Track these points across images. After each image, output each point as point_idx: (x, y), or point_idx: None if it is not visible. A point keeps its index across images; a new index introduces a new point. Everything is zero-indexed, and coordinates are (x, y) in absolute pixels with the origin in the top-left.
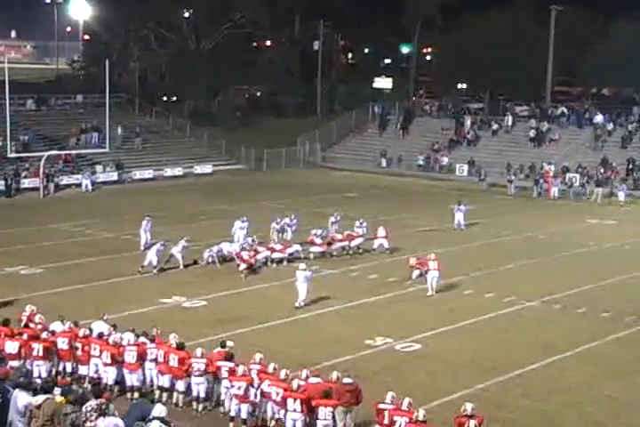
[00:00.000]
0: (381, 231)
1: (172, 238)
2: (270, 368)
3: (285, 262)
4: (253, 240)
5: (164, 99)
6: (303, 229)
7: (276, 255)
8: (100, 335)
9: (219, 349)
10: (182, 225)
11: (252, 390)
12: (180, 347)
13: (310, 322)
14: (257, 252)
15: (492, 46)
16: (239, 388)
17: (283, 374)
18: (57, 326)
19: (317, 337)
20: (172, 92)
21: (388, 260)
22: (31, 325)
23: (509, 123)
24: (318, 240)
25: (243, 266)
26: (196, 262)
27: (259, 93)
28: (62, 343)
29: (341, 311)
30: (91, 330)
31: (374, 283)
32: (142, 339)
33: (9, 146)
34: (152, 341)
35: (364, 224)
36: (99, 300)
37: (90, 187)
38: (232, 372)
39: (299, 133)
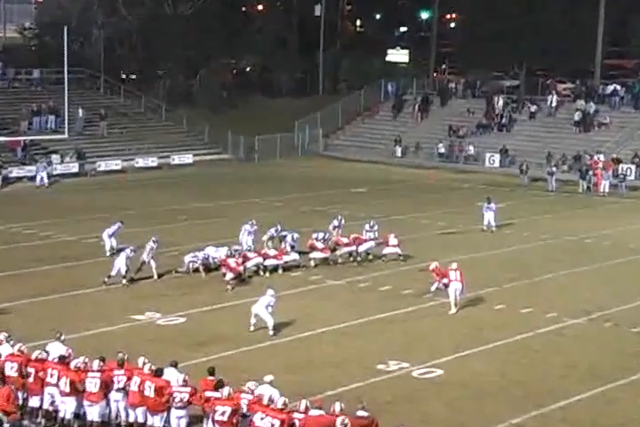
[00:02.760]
0: (393, 240)
1: (144, 242)
2: (266, 399)
3: (280, 271)
4: (240, 246)
5: (135, 75)
6: (303, 232)
7: (270, 262)
8: (62, 358)
9: (209, 377)
10: (156, 227)
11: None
12: (158, 373)
13: (310, 343)
14: (246, 258)
15: (529, 10)
16: (222, 413)
17: (281, 402)
18: (4, 348)
19: (318, 361)
20: (144, 67)
21: (403, 268)
22: None
23: (551, 103)
24: (319, 244)
25: (229, 275)
26: (176, 271)
27: (248, 68)
28: (10, 369)
29: (347, 330)
30: (46, 353)
31: (386, 296)
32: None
33: None
34: (120, 366)
35: (375, 228)
36: (56, 316)
37: (46, 180)
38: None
39: (296, 117)
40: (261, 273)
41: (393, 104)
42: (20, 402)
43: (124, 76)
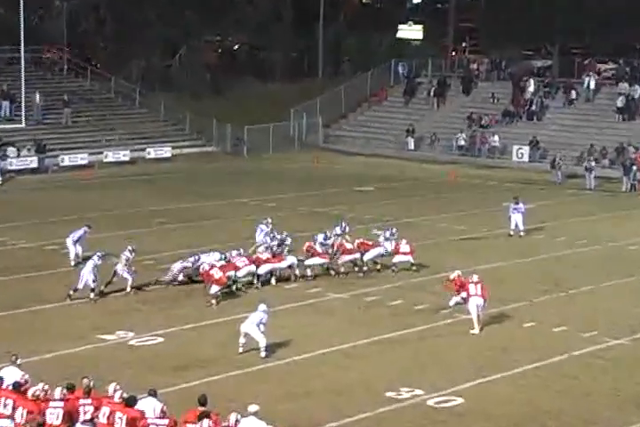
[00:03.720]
0: (404, 246)
1: (115, 250)
2: None
3: (273, 282)
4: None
5: (104, 54)
6: (300, 237)
7: (264, 269)
8: (17, 385)
9: (199, 407)
10: (129, 231)
11: None
12: (131, 403)
13: (308, 366)
14: (235, 268)
15: None
16: None
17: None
18: None
19: (318, 387)
20: (115, 45)
21: (416, 280)
22: None
23: (589, 87)
24: (319, 248)
25: (214, 289)
26: (157, 281)
27: (236, 47)
28: None
29: (352, 351)
30: (0, 379)
31: (397, 311)
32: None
33: None
34: (87, 394)
35: (396, 236)
36: (11, 335)
37: None
38: None
39: (292, 103)
40: (255, 283)
41: (404, 88)
42: None
43: (90, 56)
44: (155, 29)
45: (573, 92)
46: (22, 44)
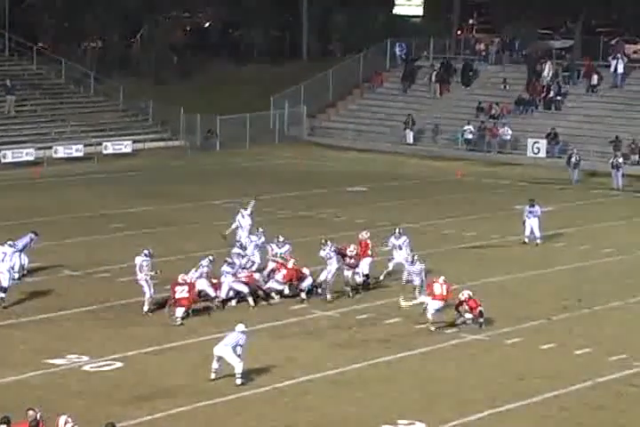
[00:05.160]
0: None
1: (67, 260)
2: None
3: (250, 301)
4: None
5: (53, 33)
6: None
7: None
8: None
9: None
10: (80, 238)
11: None
12: None
13: (292, 395)
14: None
15: None
16: None
17: None
18: None
19: (302, 421)
20: (66, 22)
21: (416, 294)
22: None
23: (616, 71)
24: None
25: (179, 311)
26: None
27: (207, 24)
28: None
29: (341, 378)
30: None
31: (394, 331)
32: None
33: None
34: None
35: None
36: None
37: None
38: None
39: (272, 90)
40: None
41: (402, 73)
42: None
43: (37, 35)
44: (112, 4)
45: (597, 77)
46: None
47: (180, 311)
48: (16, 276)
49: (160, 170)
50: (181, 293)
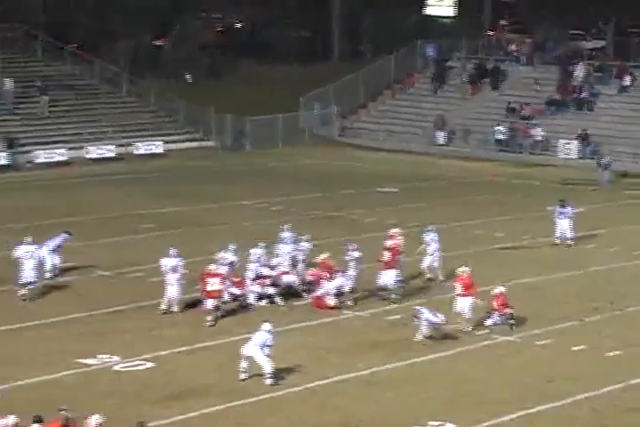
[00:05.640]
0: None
1: (96, 260)
2: None
3: (279, 300)
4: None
5: (87, 34)
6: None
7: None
8: None
9: None
10: (110, 238)
11: None
12: None
13: (322, 395)
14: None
15: None
16: None
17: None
18: None
19: (332, 421)
20: (99, 24)
21: (446, 296)
22: None
23: None
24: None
25: (210, 303)
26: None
27: (238, 25)
28: None
29: (372, 378)
30: None
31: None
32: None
33: None
34: None
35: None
36: None
37: None
38: None
39: (303, 91)
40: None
41: (433, 74)
42: None
43: (70, 36)
44: (144, 5)
45: (629, 78)
46: None
47: (210, 303)
48: (47, 275)
49: (191, 170)
50: (213, 285)
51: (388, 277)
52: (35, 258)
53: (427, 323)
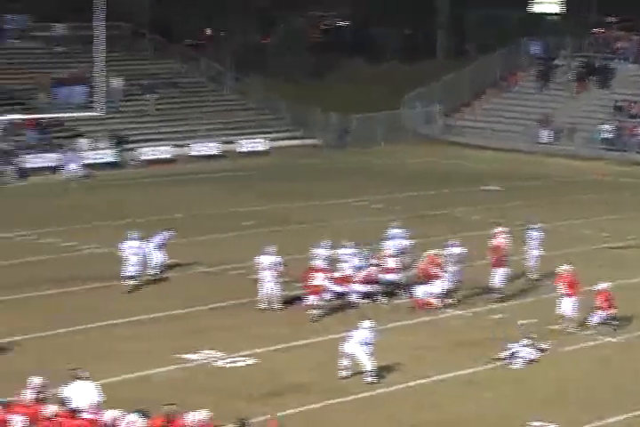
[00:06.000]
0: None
1: (199, 258)
2: None
3: (381, 298)
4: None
5: (192, 32)
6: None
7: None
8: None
9: None
10: (212, 235)
11: None
12: None
13: (421, 394)
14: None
15: None
16: None
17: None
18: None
19: (430, 419)
20: (205, 22)
21: (551, 295)
22: None
23: None
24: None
25: (312, 299)
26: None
27: (342, 23)
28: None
29: (473, 378)
30: (64, 401)
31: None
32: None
33: None
34: (169, 423)
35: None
36: (76, 355)
37: (78, 171)
38: None
39: (406, 88)
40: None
41: (539, 71)
42: None
43: (176, 34)
44: (249, 4)
45: None
46: (100, 21)
47: (312, 299)
48: (152, 272)
49: (293, 168)
50: (316, 281)
51: (497, 277)
52: (139, 253)
53: (522, 360)
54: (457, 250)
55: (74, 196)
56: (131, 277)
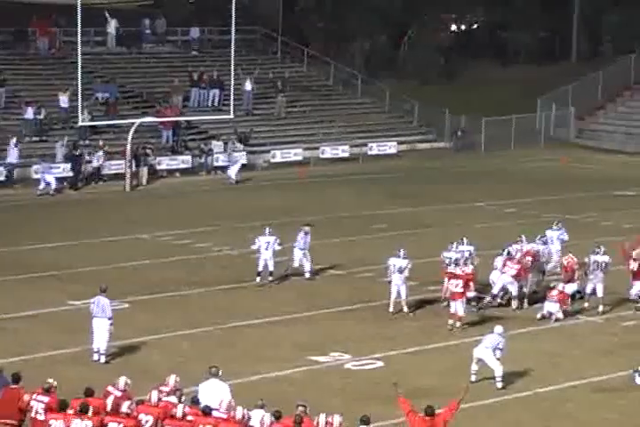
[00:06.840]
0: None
1: (330, 260)
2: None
3: (514, 303)
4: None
5: (323, 35)
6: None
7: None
8: (207, 411)
9: None
10: (343, 238)
11: None
12: None
13: (551, 401)
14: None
15: None
16: None
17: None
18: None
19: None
20: (335, 26)
21: None
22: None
23: None
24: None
25: (454, 306)
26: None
27: (474, 26)
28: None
29: (605, 385)
30: (194, 400)
31: None
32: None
33: (80, 108)
34: (297, 424)
35: None
36: (210, 355)
37: (236, 177)
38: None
39: (539, 91)
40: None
41: None
42: None
43: (307, 38)
44: (380, 7)
45: None
46: (233, 25)
47: (455, 306)
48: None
49: (422, 171)
50: (456, 287)
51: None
52: (272, 249)
53: None
54: (602, 258)
55: (205, 197)
56: (261, 273)
